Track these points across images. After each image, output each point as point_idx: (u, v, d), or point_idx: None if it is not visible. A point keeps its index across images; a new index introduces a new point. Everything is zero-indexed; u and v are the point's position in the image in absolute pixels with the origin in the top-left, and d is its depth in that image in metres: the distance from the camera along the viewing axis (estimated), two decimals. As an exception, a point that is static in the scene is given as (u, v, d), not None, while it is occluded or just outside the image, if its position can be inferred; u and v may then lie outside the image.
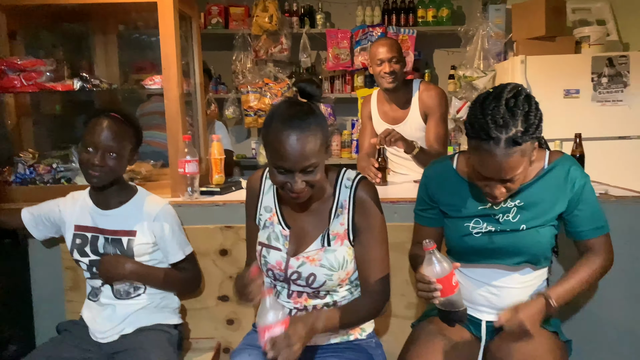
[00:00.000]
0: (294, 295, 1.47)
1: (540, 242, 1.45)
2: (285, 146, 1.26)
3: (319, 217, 1.45)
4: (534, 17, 3.39)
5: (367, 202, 1.42)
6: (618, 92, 3.26)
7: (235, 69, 4.21)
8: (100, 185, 1.65)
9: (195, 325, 1.92)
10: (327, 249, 1.42)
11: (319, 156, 1.30)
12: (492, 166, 1.29)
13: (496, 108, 1.28)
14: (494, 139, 1.26)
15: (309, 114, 1.30)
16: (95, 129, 1.61)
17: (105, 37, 2.48)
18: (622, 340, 1.87)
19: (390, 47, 2.52)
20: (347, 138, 4.30)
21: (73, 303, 1.93)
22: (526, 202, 1.44)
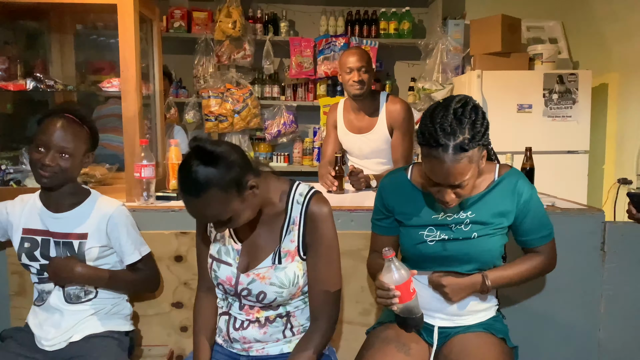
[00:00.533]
0: (246, 307, 1.46)
1: (491, 250, 1.51)
2: (190, 211, 1.31)
3: (271, 233, 1.44)
4: (491, 33, 3.51)
5: (318, 218, 1.41)
6: (567, 108, 3.41)
7: (197, 73, 4.18)
8: (50, 186, 1.61)
9: (148, 331, 1.89)
10: (277, 266, 1.41)
11: (226, 211, 1.29)
12: (442, 172, 1.34)
13: (444, 117, 1.33)
14: (443, 146, 1.32)
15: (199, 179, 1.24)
16: (47, 129, 1.57)
17: (62, 37, 2.41)
18: (564, 345, 1.95)
19: (361, 56, 2.56)
20: (308, 145, 4.32)
21: (19, 309, 1.87)
22: (478, 213, 1.50)
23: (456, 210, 1.51)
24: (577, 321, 1.93)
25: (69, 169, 1.60)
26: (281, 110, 4.19)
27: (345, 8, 4.34)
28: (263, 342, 1.46)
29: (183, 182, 1.27)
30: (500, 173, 1.53)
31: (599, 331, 1.93)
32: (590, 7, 3.80)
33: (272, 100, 4.27)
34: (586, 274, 1.91)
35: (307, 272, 1.44)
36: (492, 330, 1.54)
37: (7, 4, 2.03)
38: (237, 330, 1.45)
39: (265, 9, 4.30)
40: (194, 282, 1.83)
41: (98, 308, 1.66)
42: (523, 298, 1.92)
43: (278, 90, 4.30)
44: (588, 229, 1.90)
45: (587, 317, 1.93)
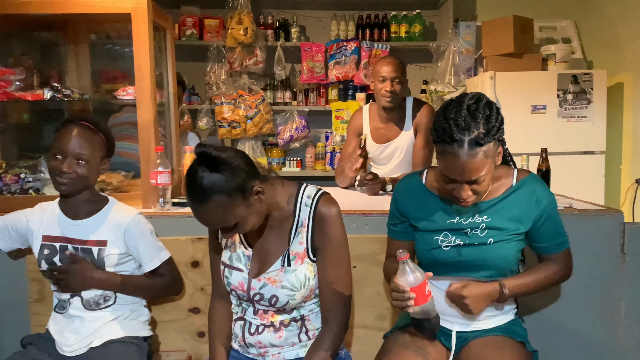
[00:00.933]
0: (260, 312, 1.46)
1: (507, 256, 1.49)
2: (197, 217, 1.33)
3: (280, 237, 1.45)
4: (503, 34, 3.49)
5: (327, 219, 1.41)
6: (582, 109, 3.37)
7: (210, 80, 4.21)
8: (67, 192, 1.63)
9: (165, 337, 1.90)
10: (287, 269, 1.41)
11: (231, 218, 1.30)
12: (457, 168, 1.34)
13: (458, 112, 1.33)
14: (457, 141, 1.31)
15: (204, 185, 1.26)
16: (64, 136, 1.60)
17: (77, 47, 2.45)
18: (583, 350, 1.92)
19: (396, 67, 2.57)
20: (321, 150, 4.32)
21: (39, 316, 1.89)
22: (494, 218, 1.48)
23: (472, 214, 1.50)
24: (597, 325, 1.90)
25: (86, 176, 1.62)
26: (293, 116, 4.21)
27: (356, 12, 4.34)
28: (279, 347, 1.46)
29: (189, 189, 1.29)
30: (519, 178, 1.51)
31: (620, 335, 1.90)
32: (603, 6, 3.77)
33: (284, 105, 4.29)
34: (606, 276, 1.88)
35: (317, 273, 1.44)
36: (511, 334, 1.52)
37: (23, 16, 2.07)
38: (253, 335, 1.46)
39: (276, 15, 4.33)
40: (210, 288, 1.82)
41: (117, 314, 1.68)
42: (541, 302, 1.90)
43: (290, 96, 4.31)
44: (607, 231, 1.87)
45: (607, 320, 1.90)
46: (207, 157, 1.27)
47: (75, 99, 2.10)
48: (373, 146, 2.74)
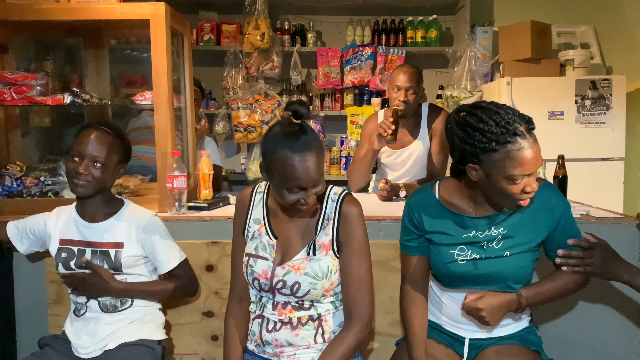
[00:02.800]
0: (279, 306, 1.48)
1: (524, 268, 1.47)
2: (300, 168, 1.34)
3: (306, 229, 1.50)
4: (520, 39, 3.47)
5: (350, 216, 1.47)
6: (601, 115, 3.33)
7: (226, 85, 4.25)
8: (83, 195, 1.65)
9: (179, 340, 1.92)
10: (312, 257, 1.45)
11: (322, 171, 1.41)
12: (532, 157, 1.32)
13: (496, 114, 1.34)
14: (519, 134, 1.31)
15: (310, 134, 1.38)
16: (82, 139, 1.63)
17: (97, 52, 2.49)
18: None
19: (411, 76, 2.56)
20: (336, 155, 4.32)
21: (56, 317, 1.92)
22: (510, 229, 1.47)
23: (488, 227, 1.47)
24: (615, 336, 1.87)
25: (102, 179, 1.64)
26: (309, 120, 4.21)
27: (372, 18, 4.35)
28: (294, 347, 1.47)
29: (294, 137, 1.36)
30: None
31: (638, 346, 1.87)
32: (622, 11, 3.72)
33: (299, 110, 4.29)
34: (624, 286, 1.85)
35: (341, 269, 1.47)
36: (526, 342, 1.51)
37: (44, 22, 2.11)
38: (270, 332, 1.47)
39: (292, 20, 4.35)
40: (224, 291, 1.85)
41: (133, 317, 1.70)
42: (558, 311, 1.87)
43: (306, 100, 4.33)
44: (625, 239, 1.84)
45: (626, 333, 1.87)
46: (301, 115, 1.41)
47: (95, 103, 2.14)
48: (387, 152, 2.73)
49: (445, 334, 1.58)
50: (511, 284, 1.47)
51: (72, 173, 1.62)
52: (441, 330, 1.59)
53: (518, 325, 1.55)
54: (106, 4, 2.04)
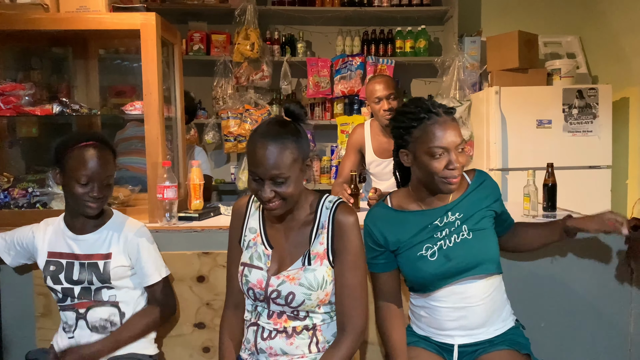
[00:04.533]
0: (274, 316, 1.47)
1: (491, 247, 1.55)
2: (258, 153, 1.36)
3: (301, 238, 1.49)
4: (508, 49, 3.51)
5: (345, 225, 1.46)
6: (588, 123, 3.37)
7: (216, 94, 4.24)
8: (96, 213, 1.65)
9: (170, 352, 1.89)
10: (307, 268, 1.45)
11: (290, 170, 1.37)
12: (445, 133, 1.48)
13: (416, 102, 1.54)
14: (435, 112, 1.49)
15: (288, 130, 1.39)
16: (86, 161, 1.59)
17: (86, 62, 2.48)
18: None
19: (387, 84, 2.58)
20: (326, 164, 4.33)
21: (44, 330, 1.89)
22: (465, 212, 1.55)
23: (445, 215, 1.55)
24: (606, 340, 1.89)
25: (111, 194, 1.67)
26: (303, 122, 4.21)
27: (361, 28, 4.38)
28: (289, 356, 1.46)
29: (267, 126, 1.39)
30: (471, 176, 1.64)
31: (629, 352, 1.88)
32: (607, 21, 3.78)
33: (289, 119, 4.30)
34: (614, 291, 1.87)
35: (335, 279, 1.46)
36: (515, 346, 1.52)
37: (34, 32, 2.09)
38: (265, 340, 1.47)
39: (282, 30, 4.37)
40: (215, 302, 1.83)
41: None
42: (550, 315, 1.89)
43: (299, 107, 4.32)
44: (614, 246, 1.86)
45: (616, 336, 1.89)
46: (293, 114, 1.44)
47: (84, 113, 2.12)
48: (376, 161, 2.74)
49: (434, 344, 1.58)
50: (487, 265, 1.52)
51: (86, 197, 1.59)
52: (430, 340, 1.59)
53: (504, 325, 1.57)
54: (96, 14, 2.03)
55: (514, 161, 3.33)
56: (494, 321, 1.55)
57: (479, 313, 1.52)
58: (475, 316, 1.52)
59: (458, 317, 1.53)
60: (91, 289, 1.65)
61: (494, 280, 1.56)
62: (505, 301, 1.61)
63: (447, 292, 1.52)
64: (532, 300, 1.88)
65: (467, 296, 1.52)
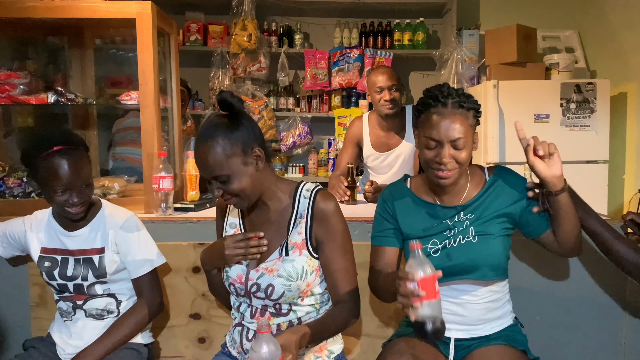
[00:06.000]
0: (257, 314, 1.46)
1: (496, 253, 1.49)
2: (196, 157, 1.36)
3: (279, 229, 1.47)
4: (506, 43, 3.50)
5: (327, 212, 1.43)
6: (585, 118, 3.37)
7: (213, 85, 4.22)
8: (82, 215, 1.61)
9: (166, 343, 1.90)
10: (284, 258, 1.43)
11: (227, 167, 1.33)
12: (442, 124, 1.42)
13: (440, 86, 1.48)
14: (442, 102, 1.44)
15: (219, 127, 1.34)
16: (56, 171, 1.50)
17: (82, 51, 2.46)
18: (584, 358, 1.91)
19: (390, 75, 2.57)
20: (323, 157, 4.32)
21: (40, 320, 1.89)
22: (477, 214, 1.52)
23: (456, 213, 1.52)
24: (600, 334, 1.90)
25: (92, 192, 1.62)
26: (296, 122, 4.21)
27: (360, 20, 4.36)
28: None
29: (203, 128, 1.36)
30: (490, 174, 1.57)
31: (623, 344, 1.89)
32: (606, 16, 3.77)
33: (287, 112, 4.30)
34: (609, 286, 1.87)
35: (323, 266, 1.45)
36: (512, 342, 1.52)
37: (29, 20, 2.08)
38: (250, 341, 1.46)
39: (280, 21, 4.34)
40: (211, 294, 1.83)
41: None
42: (545, 310, 1.89)
43: (293, 102, 4.32)
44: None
45: (610, 330, 1.90)
46: (225, 103, 1.35)
47: (79, 103, 2.11)
48: (374, 155, 2.73)
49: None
50: (486, 271, 1.48)
51: (67, 204, 1.55)
52: None
53: (503, 323, 1.56)
54: (91, 3, 2.01)
55: (511, 155, 3.33)
56: (491, 320, 1.54)
57: (476, 312, 1.52)
58: (473, 314, 1.52)
59: (455, 312, 1.53)
60: (84, 285, 1.64)
61: (495, 287, 1.53)
62: (506, 302, 1.59)
63: (446, 287, 1.52)
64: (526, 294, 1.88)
65: (465, 296, 1.52)
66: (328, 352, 1.51)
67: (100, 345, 1.58)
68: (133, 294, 1.70)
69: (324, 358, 1.50)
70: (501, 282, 1.56)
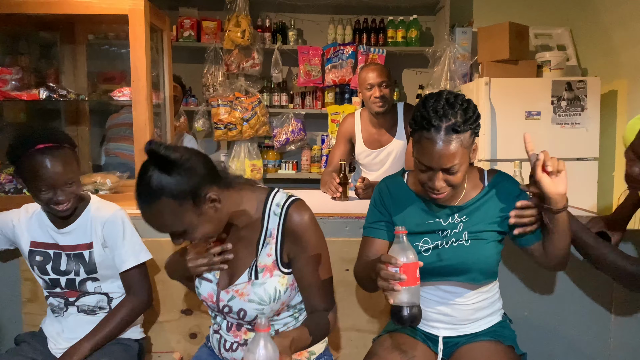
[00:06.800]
0: (233, 328, 1.43)
1: (487, 258, 1.48)
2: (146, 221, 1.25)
3: (248, 247, 1.39)
4: (499, 40, 3.51)
5: (299, 228, 1.35)
6: (576, 115, 3.40)
7: (206, 82, 4.22)
8: (69, 213, 1.60)
9: (158, 338, 1.91)
10: (254, 282, 1.36)
11: (180, 223, 1.23)
12: (433, 153, 1.35)
13: (437, 102, 1.36)
14: (435, 126, 1.34)
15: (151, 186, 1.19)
16: (39, 171, 1.49)
17: (74, 47, 2.46)
18: (574, 352, 1.94)
19: (380, 71, 2.57)
20: (317, 153, 4.33)
21: (31, 315, 1.89)
22: (471, 217, 1.50)
23: (451, 214, 1.50)
24: (588, 328, 1.92)
25: (79, 189, 1.61)
26: (289, 118, 4.22)
27: (353, 17, 4.36)
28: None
29: (137, 189, 1.21)
30: (489, 178, 1.54)
31: (609, 339, 1.92)
32: (598, 13, 3.80)
33: (280, 108, 4.30)
34: (597, 281, 1.90)
35: (297, 280, 1.40)
36: (499, 337, 1.53)
37: (21, 16, 2.07)
38: (228, 352, 1.44)
39: (273, 18, 4.34)
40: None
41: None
42: (533, 305, 1.91)
43: (286, 99, 4.33)
44: (597, 237, 1.88)
45: (598, 324, 1.92)
46: (156, 157, 1.18)
47: (71, 99, 2.11)
48: (366, 152, 2.75)
49: (420, 332, 1.59)
50: (476, 275, 1.48)
51: (51, 203, 1.54)
52: (415, 328, 1.59)
53: (491, 320, 1.57)
54: (84, -2, 2.01)
55: (502, 152, 3.35)
56: (479, 319, 1.55)
57: (464, 312, 1.53)
58: (461, 314, 1.53)
59: (443, 312, 1.53)
60: (76, 280, 1.64)
61: (484, 289, 1.54)
62: (495, 301, 1.59)
63: (434, 288, 1.53)
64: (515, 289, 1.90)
65: (454, 297, 1.52)
66: (309, 353, 1.48)
67: (88, 342, 1.58)
68: (124, 293, 1.71)
69: None
70: (490, 284, 1.56)
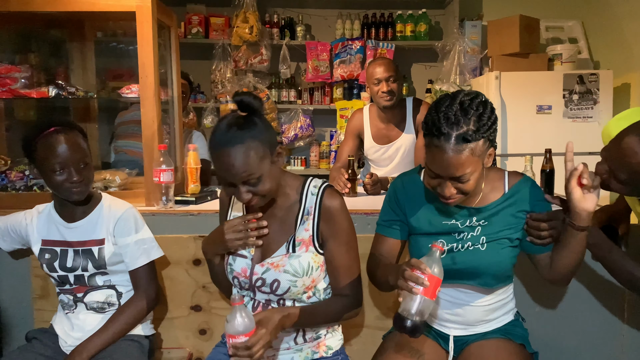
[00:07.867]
0: (259, 307, 1.46)
1: (500, 263, 1.45)
2: (223, 161, 1.29)
3: (285, 224, 1.46)
4: (509, 34, 3.48)
5: (333, 209, 1.43)
6: (588, 109, 3.35)
7: (215, 78, 4.22)
8: (82, 198, 1.62)
9: (167, 334, 1.91)
10: (291, 254, 1.42)
11: (259, 168, 1.30)
12: (442, 162, 1.30)
13: (450, 106, 1.30)
14: (445, 135, 1.27)
15: (246, 129, 1.30)
16: (55, 148, 1.54)
17: (82, 44, 2.46)
18: (586, 351, 1.92)
19: (388, 66, 2.55)
20: (325, 149, 4.32)
21: (42, 312, 1.91)
22: (490, 221, 1.46)
23: (469, 217, 1.46)
24: (600, 326, 1.90)
25: (92, 175, 1.63)
26: (298, 114, 4.21)
27: (361, 11, 4.34)
28: (274, 349, 1.46)
29: (223, 132, 1.29)
30: (511, 183, 1.48)
31: (622, 336, 1.90)
32: (610, 6, 3.74)
33: (288, 104, 4.29)
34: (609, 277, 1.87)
35: (327, 262, 1.45)
36: (510, 336, 1.51)
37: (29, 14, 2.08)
38: None
39: (281, 13, 4.33)
40: (211, 285, 1.84)
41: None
42: (544, 303, 1.90)
43: (295, 94, 4.32)
44: (610, 232, 1.86)
45: (610, 322, 1.90)
46: (243, 104, 1.31)
47: (80, 96, 2.11)
48: (375, 147, 2.73)
49: (432, 330, 1.58)
50: (490, 280, 1.45)
51: (66, 184, 1.56)
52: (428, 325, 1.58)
53: (503, 319, 1.55)
54: (91, -4, 2.01)
55: (513, 147, 3.32)
56: (491, 320, 1.53)
57: (476, 315, 1.51)
58: (473, 316, 1.51)
59: (455, 313, 1.52)
60: (84, 276, 1.65)
61: (498, 291, 1.51)
62: (508, 302, 1.56)
63: (447, 289, 1.50)
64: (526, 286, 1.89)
65: (467, 298, 1.50)
66: (326, 347, 1.50)
67: (97, 339, 1.59)
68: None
69: (322, 354, 1.49)
70: (504, 287, 1.53)
